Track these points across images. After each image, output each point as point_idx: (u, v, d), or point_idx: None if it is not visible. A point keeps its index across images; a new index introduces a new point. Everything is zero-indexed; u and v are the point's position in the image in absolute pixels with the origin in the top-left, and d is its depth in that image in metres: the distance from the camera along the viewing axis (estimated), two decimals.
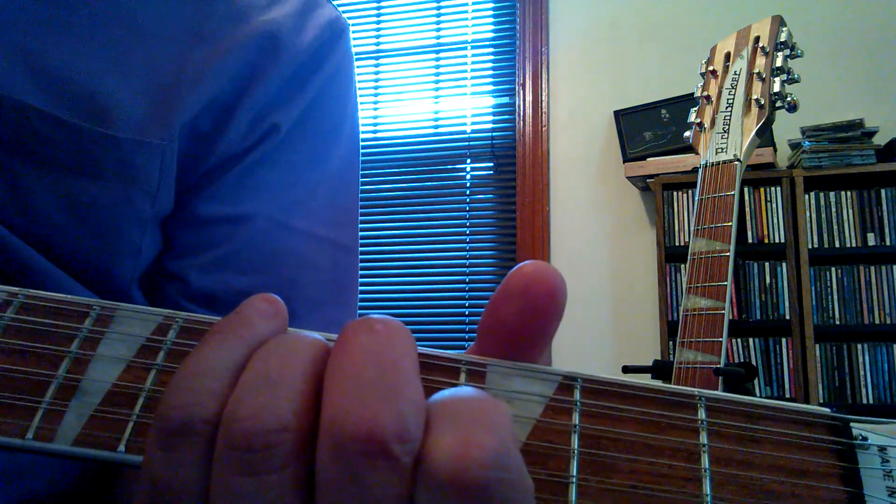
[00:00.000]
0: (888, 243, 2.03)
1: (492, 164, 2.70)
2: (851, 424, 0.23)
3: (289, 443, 0.19)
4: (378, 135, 2.85)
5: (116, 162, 0.41)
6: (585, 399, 0.23)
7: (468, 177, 2.73)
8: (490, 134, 2.71)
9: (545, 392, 0.23)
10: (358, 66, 2.88)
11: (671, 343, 2.09)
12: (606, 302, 2.46)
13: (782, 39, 1.03)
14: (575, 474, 0.21)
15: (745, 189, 2.11)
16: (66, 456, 0.22)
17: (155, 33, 0.44)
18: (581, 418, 0.22)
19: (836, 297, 2.04)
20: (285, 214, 0.48)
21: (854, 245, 2.04)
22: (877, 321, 2.01)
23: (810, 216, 2.07)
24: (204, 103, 0.44)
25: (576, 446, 0.22)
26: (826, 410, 0.23)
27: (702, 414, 0.23)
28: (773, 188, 2.11)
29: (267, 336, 0.23)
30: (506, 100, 2.72)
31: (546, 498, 0.21)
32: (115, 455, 0.22)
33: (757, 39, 1.05)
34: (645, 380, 0.24)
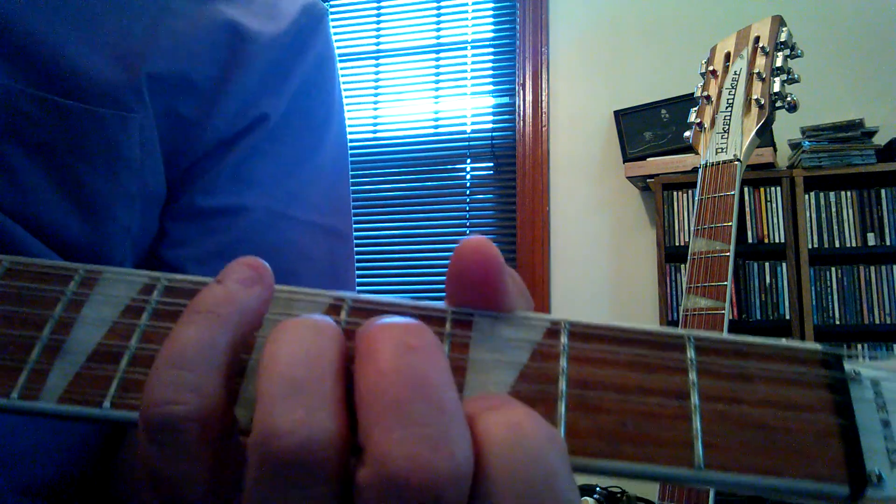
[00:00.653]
0: (888, 243, 2.03)
1: (492, 164, 2.70)
2: (844, 360, 0.23)
3: (334, 459, 0.19)
4: (378, 135, 2.85)
5: (98, 137, 0.41)
6: (573, 343, 0.23)
7: (468, 177, 2.73)
8: (490, 134, 2.71)
9: (532, 338, 0.23)
10: (358, 66, 2.89)
11: None
12: (606, 302, 2.46)
13: (782, 39, 1.03)
14: (563, 414, 0.22)
15: (745, 189, 2.11)
16: (52, 415, 0.22)
17: (124, 5, 0.44)
18: (568, 362, 0.23)
19: (836, 297, 2.04)
20: (282, 205, 0.48)
21: (854, 245, 2.04)
22: (877, 321, 2.01)
23: (810, 216, 2.07)
24: (176, 77, 0.44)
25: (563, 388, 0.22)
26: (818, 346, 0.23)
27: (691, 353, 0.23)
28: (773, 188, 2.11)
29: (251, 308, 0.22)
30: (506, 100, 2.72)
31: None
32: (100, 412, 0.22)
33: (757, 39, 1.05)
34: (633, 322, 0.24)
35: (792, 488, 0.21)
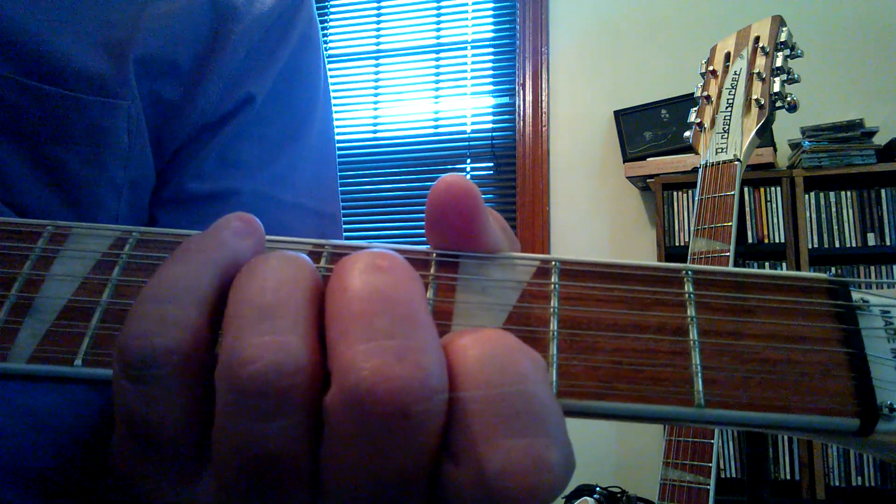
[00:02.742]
0: (888, 243, 2.03)
1: (492, 164, 2.70)
2: (851, 289, 0.22)
3: (304, 385, 0.18)
4: (378, 135, 2.85)
5: (83, 124, 0.40)
6: (564, 282, 0.22)
7: (468, 177, 2.73)
8: (490, 134, 2.71)
9: (521, 278, 0.22)
10: (358, 66, 2.89)
11: None
12: None
13: (782, 39, 1.03)
14: (555, 355, 0.21)
15: (745, 189, 2.11)
16: (22, 375, 0.21)
17: None
18: (560, 301, 0.22)
19: None
20: (270, 188, 0.48)
21: (854, 245, 2.04)
22: None
23: (810, 216, 2.07)
24: (163, 64, 0.44)
25: (555, 329, 0.21)
26: (823, 275, 0.22)
27: (689, 287, 0.22)
28: (773, 188, 2.11)
29: (242, 257, 0.21)
30: (506, 100, 2.72)
31: None
32: (72, 370, 0.21)
33: (757, 39, 1.05)
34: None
35: (799, 424, 0.20)
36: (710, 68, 1.09)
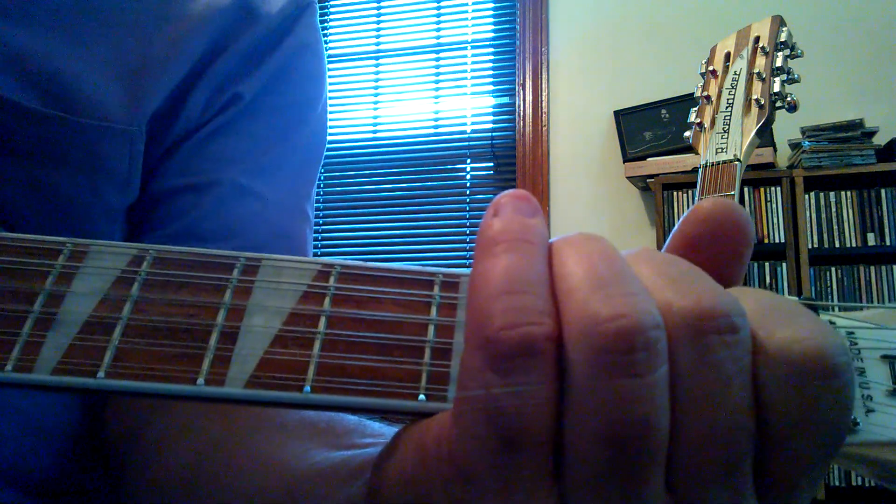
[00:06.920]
0: (888, 243, 2.03)
1: (492, 164, 2.70)
2: (819, 312, 0.23)
3: (663, 340, 0.19)
4: (378, 135, 2.85)
5: (81, 149, 0.40)
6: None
7: (468, 177, 2.73)
8: (490, 134, 2.71)
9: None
10: (358, 66, 2.89)
11: None
12: None
13: (782, 39, 1.03)
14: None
15: (745, 189, 2.11)
16: (47, 386, 0.22)
17: (118, 20, 0.43)
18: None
19: (835, 297, 2.04)
20: (250, 180, 0.48)
21: (854, 245, 2.04)
22: None
23: (810, 216, 2.07)
24: (173, 86, 0.43)
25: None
26: (794, 299, 0.23)
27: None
28: (773, 188, 2.11)
29: (546, 236, 0.22)
30: (506, 100, 2.72)
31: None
32: (95, 382, 0.22)
33: (757, 39, 1.05)
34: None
35: None
36: (710, 68, 1.09)
